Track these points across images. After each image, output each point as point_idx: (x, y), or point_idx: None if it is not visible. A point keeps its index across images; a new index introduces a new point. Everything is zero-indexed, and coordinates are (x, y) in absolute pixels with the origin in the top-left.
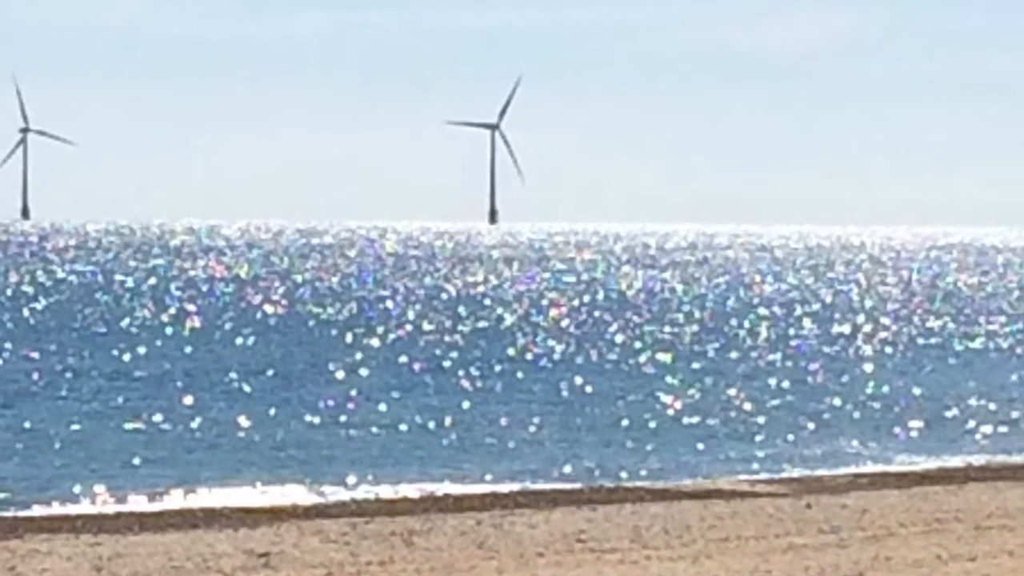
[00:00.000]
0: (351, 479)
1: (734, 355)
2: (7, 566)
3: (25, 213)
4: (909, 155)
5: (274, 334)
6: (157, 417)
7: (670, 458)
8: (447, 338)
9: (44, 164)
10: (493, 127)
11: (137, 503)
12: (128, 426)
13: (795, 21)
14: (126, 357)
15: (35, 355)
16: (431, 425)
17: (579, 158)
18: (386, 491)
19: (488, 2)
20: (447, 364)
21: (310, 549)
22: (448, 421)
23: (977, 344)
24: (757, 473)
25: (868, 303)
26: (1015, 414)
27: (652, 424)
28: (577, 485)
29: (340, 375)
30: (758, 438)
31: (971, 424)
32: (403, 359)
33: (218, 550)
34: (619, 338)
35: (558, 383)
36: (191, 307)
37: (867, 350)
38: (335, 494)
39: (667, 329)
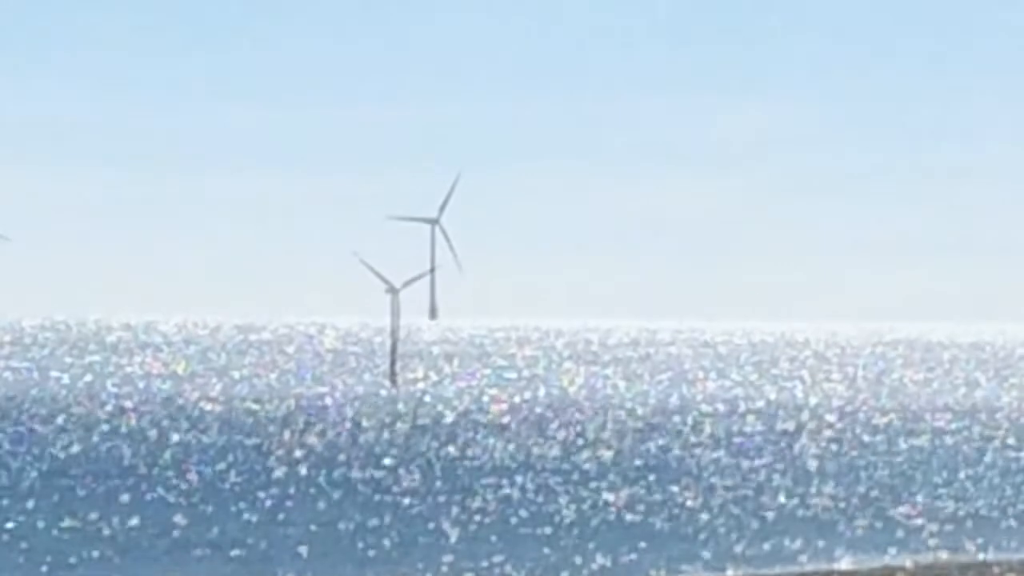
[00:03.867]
0: None
1: (677, 452)
2: None
3: None
4: (855, 250)
5: (211, 431)
6: (93, 515)
7: (613, 557)
8: (386, 435)
9: None
10: (433, 222)
11: None
12: (64, 524)
13: (742, 114)
14: (61, 455)
15: None
16: (371, 523)
17: (520, 253)
18: None
19: (428, 96)
20: (387, 461)
21: None
22: (388, 519)
23: (923, 441)
24: (701, 572)
25: (813, 400)
26: (962, 512)
27: (594, 522)
28: None
29: (278, 472)
30: (702, 536)
31: (918, 522)
32: (342, 456)
33: None
34: (561, 435)
35: (499, 480)
36: (128, 404)
37: (812, 447)
38: None
39: (609, 426)
